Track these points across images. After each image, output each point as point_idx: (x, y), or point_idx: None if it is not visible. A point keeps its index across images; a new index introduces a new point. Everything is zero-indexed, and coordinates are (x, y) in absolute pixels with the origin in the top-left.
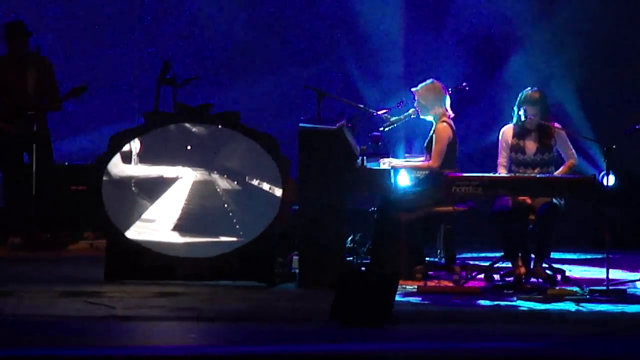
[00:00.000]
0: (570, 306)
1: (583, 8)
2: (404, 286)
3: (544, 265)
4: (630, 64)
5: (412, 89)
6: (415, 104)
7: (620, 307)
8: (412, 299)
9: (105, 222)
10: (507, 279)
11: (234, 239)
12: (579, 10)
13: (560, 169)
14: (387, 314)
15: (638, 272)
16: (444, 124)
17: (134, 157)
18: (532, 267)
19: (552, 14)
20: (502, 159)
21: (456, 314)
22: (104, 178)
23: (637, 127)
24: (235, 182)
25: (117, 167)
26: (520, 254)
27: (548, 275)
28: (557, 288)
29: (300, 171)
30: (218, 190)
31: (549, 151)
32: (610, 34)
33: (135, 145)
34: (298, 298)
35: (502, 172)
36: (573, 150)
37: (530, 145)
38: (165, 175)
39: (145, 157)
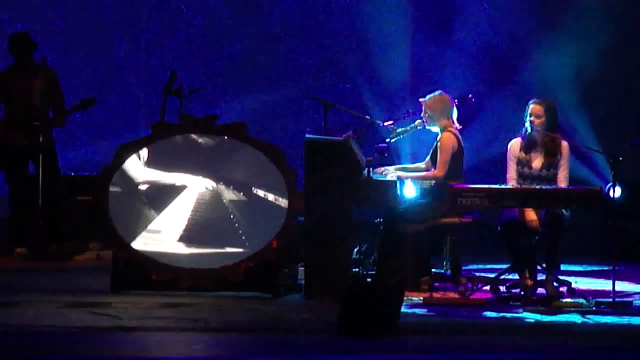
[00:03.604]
0: (576, 318)
1: (589, 19)
2: (410, 297)
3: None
4: (637, 74)
5: (420, 100)
6: (422, 114)
7: (626, 319)
8: (418, 311)
9: (111, 233)
10: (513, 290)
11: (240, 250)
12: (585, 21)
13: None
14: (393, 325)
15: None
16: (449, 133)
17: (141, 167)
18: (544, 279)
19: (557, 24)
20: (512, 173)
21: (462, 325)
22: (110, 189)
23: None
24: (241, 193)
25: (123, 178)
26: (527, 266)
27: (555, 290)
28: (564, 300)
29: (306, 182)
30: (224, 201)
31: (554, 167)
32: (617, 44)
33: (141, 156)
34: (304, 309)
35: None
36: (566, 175)
37: (537, 160)
38: (171, 186)
39: (151, 167)
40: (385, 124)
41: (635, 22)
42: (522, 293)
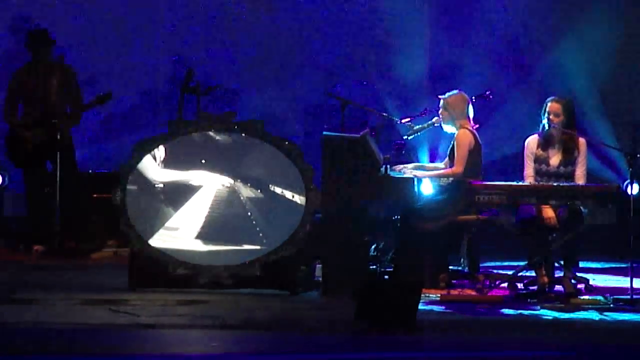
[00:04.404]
0: (594, 315)
1: (608, 15)
2: (428, 294)
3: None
4: None
5: (440, 96)
6: (440, 112)
7: None
8: (435, 308)
9: (128, 230)
10: (530, 287)
11: (257, 247)
12: (604, 17)
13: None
14: (411, 322)
15: None
16: (465, 130)
17: (158, 165)
18: (562, 276)
19: (576, 21)
20: (529, 170)
21: (479, 322)
22: (128, 186)
23: None
24: (259, 190)
25: (140, 175)
26: (543, 263)
27: (573, 287)
28: (581, 297)
29: (324, 179)
30: (241, 198)
31: (572, 164)
32: (634, 41)
33: (159, 153)
34: (321, 306)
35: (530, 183)
36: (584, 172)
37: (554, 157)
38: (188, 183)
39: (169, 165)
40: (403, 121)
41: None
42: (540, 290)
